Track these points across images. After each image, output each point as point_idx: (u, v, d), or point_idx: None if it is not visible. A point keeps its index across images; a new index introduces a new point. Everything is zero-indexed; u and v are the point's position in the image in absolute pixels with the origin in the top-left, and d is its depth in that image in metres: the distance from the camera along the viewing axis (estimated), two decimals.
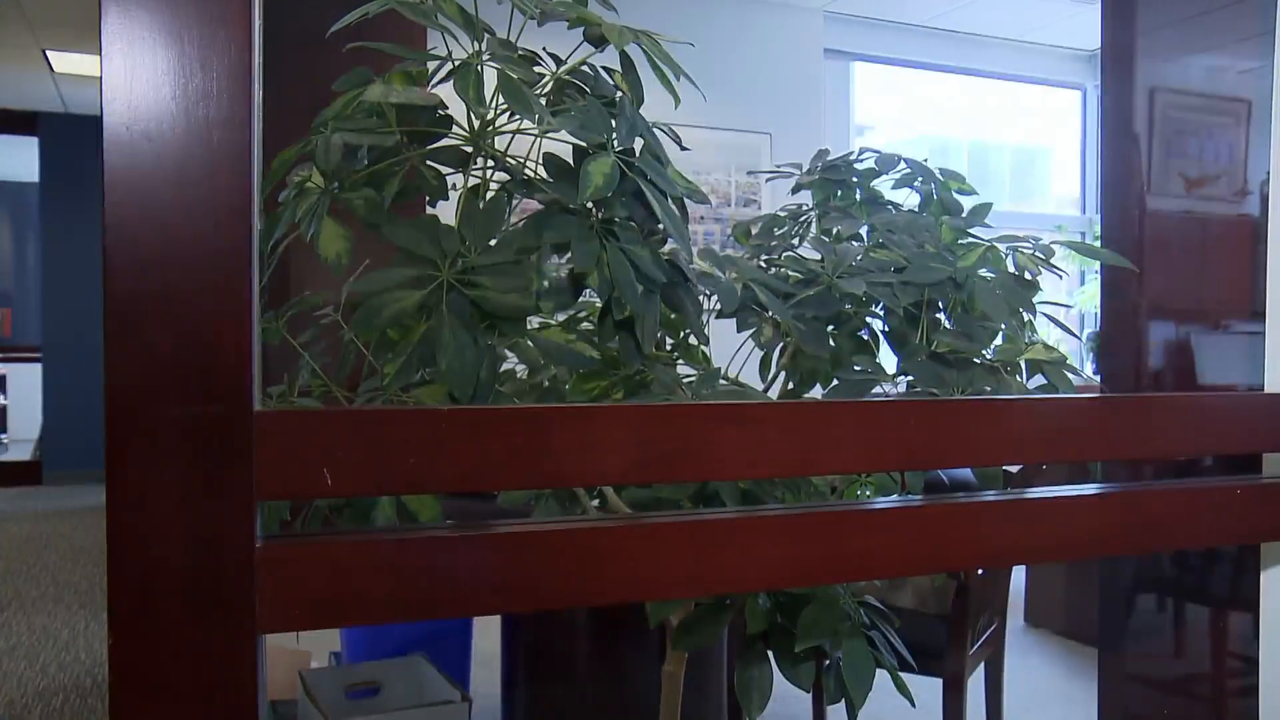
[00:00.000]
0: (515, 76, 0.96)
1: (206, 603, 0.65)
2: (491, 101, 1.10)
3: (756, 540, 0.84)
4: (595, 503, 1.63)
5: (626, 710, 2.82)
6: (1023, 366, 1.46)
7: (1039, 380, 1.46)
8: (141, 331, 0.63)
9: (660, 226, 1.16)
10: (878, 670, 1.31)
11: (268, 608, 0.67)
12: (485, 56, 1.00)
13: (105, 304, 0.62)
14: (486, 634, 3.61)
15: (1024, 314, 1.48)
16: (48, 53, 6.63)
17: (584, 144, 1.09)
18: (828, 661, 1.32)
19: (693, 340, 1.74)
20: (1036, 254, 1.39)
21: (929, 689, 2.23)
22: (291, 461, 0.67)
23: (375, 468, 0.69)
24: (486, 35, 1.04)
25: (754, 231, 1.85)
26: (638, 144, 1.11)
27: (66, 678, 3.74)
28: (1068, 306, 6.48)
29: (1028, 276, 1.38)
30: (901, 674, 1.35)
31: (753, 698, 1.16)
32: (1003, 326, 1.50)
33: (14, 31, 6.23)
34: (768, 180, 1.84)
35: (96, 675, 3.75)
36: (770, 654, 1.32)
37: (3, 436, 9.94)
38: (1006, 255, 1.41)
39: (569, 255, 1.18)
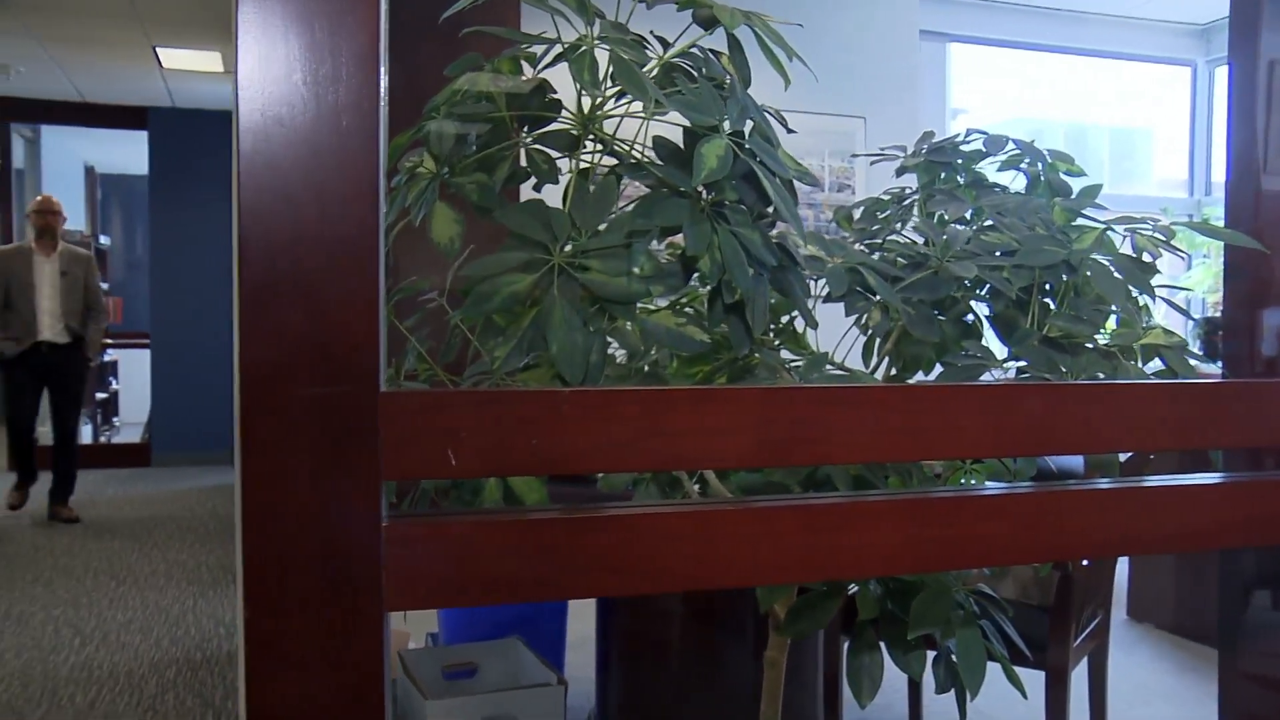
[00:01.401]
0: (628, 59, 0.96)
1: (336, 580, 0.66)
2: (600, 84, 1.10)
3: (872, 525, 0.82)
4: (696, 487, 1.63)
5: (721, 696, 2.82)
6: (1138, 352, 1.42)
7: (1155, 365, 1.42)
8: (273, 313, 0.64)
9: (770, 209, 1.15)
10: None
11: (393, 585, 0.68)
12: (597, 39, 1.00)
13: (239, 287, 0.64)
14: (579, 617, 3.64)
15: (1139, 298, 1.43)
16: (157, 49, 6.83)
17: (695, 126, 1.08)
18: (934, 651, 1.30)
19: (790, 325, 1.72)
20: (1155, 235, 1.35)
21: (1029, 681, 2.19)
22: (416, 442, 0.68)
23: (498, 448, 0.70)
24: (598, 18, 1.04)
25: (855, 216, 1.82)
26: (746, 126, 1.10)
27: (178, 651, 3.87)
28: (1188, 290, 6.28)
29: (1146, 259, 1.33)
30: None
31: (863, 685, 1.15)
32: (1116, 310, 1.46)
33: (126, 30, 6.43)
34: (873, 164, 1.81)
35: (205, 649, 3.88)
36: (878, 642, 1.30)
37: (114, 420, 10.30)
38: (1124, 237, 1.37)
39: (667, 239, 1.18)
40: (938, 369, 1.64)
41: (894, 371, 1.64)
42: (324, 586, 0.66)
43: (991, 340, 1.57)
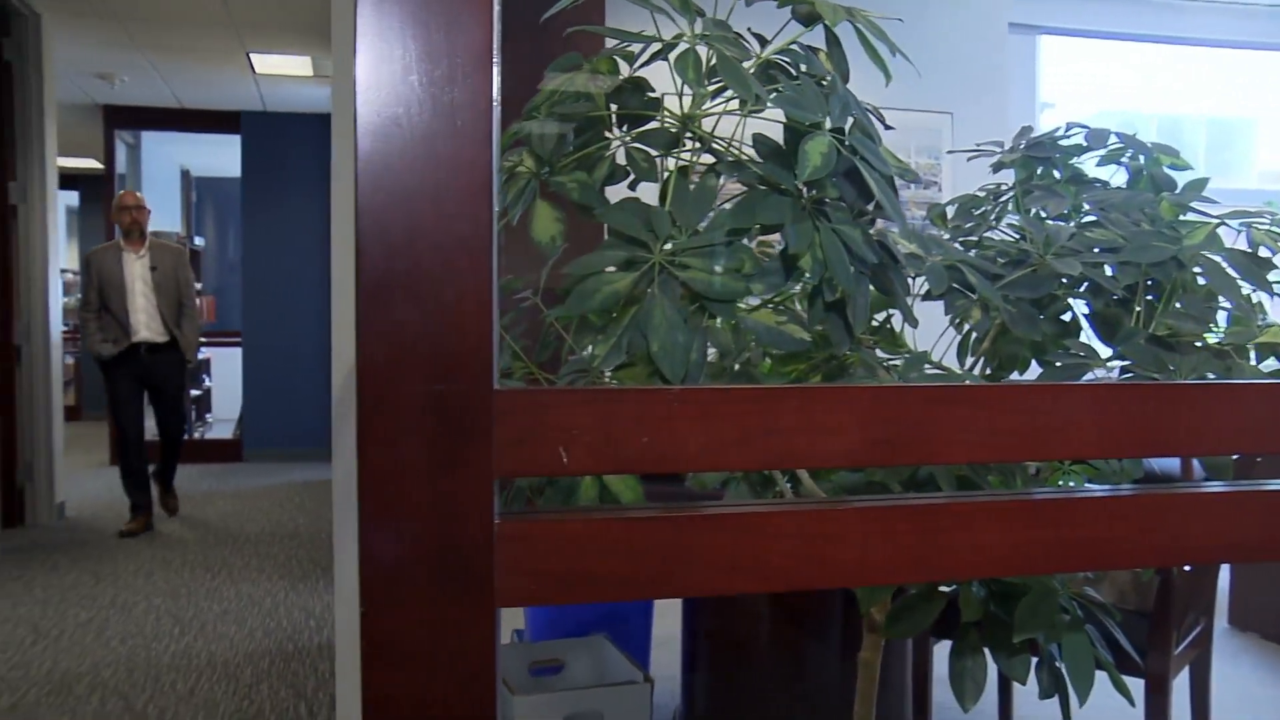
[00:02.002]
0: (731, 56, 0.95)
1: (450, 575, 0.66)
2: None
3: (984, 525, 0.81)
4: (789, 486, 1.61)
5: (807, 697, 2.80)
6: (1252, 350, 1.37)
7: (1271, 364, 1.37)
8: (390, 311, 0.65)
9: (869, 206, 1.14)
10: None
11: (505, 582, 0.68)
12: (699, 36, 0.99)
13: (357, 286, 0.64)
14: (664, 616, 3.65)
15: (1254, 295, 1.39)
16: (250, 55, 7.00)
17: (797, 124, 1.07)
18: (1036, 657, 1.27)
19: (885, 324, 1.70)
20: (1272, 229, 1.30)
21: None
22: (528, 439, 0.68)
23: (609, 446, 0.70)
24: (698, 16, 1.04)
25: (950, 213, 1.79)
26: (846, 123, 1.09)
27: (271, 642, 3.96)
28: None
29: (1263, 253, 1.29)
30: (1100, 672, 1.29)
31: (967, 688, 1.13)
32: (1227, 308, 1.41)
33: (222, 38, 6.60)
34: (970, 159, 1.78)
35: (297, 641, 3.96)
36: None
37: (207, 416, 10.58)
38: (1239, 232, 1.32)
39: (757, 238, 1.17)
40: (1032, 368, 1.61)
41: (989, 371, 1.61)
42: (438, 583, 0.66)
43: (1088, 339, 1.53)
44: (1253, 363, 1.32)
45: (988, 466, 1.15)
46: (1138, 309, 1.44)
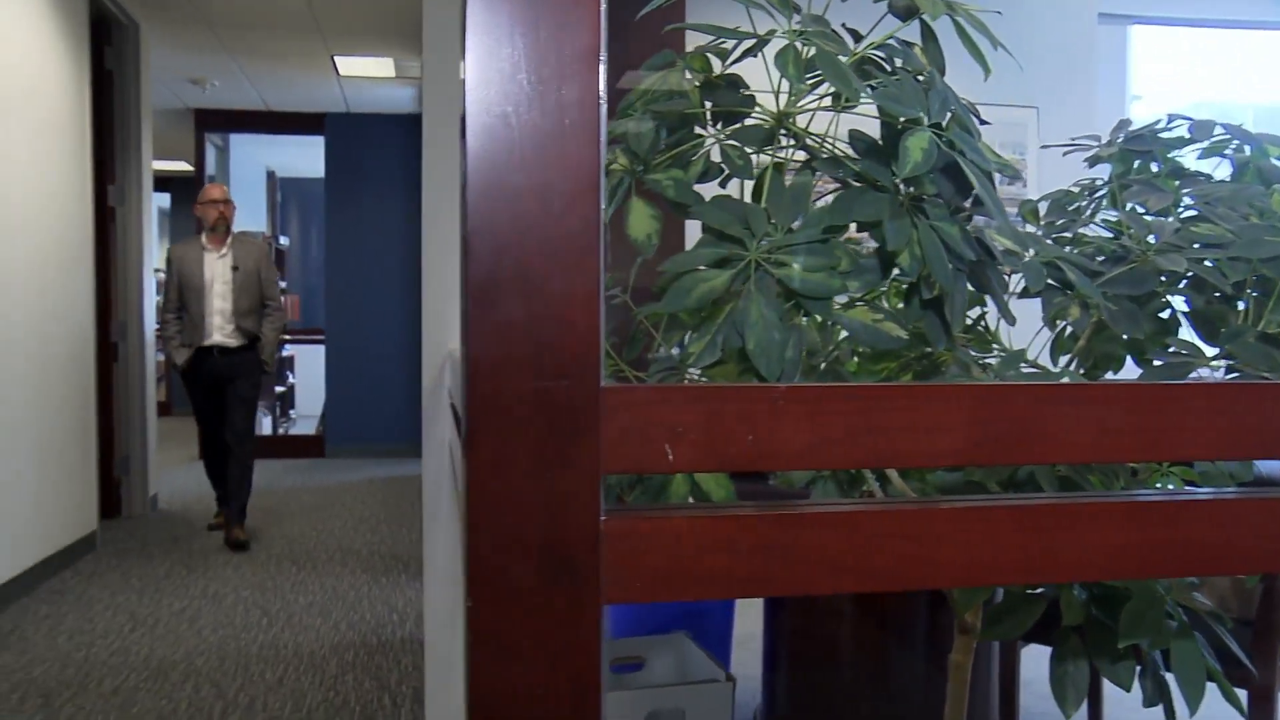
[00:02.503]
0: (831, 51, 0.95)
1: (556, 572, 0.67)
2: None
3: (1092, 527, 0.79)
4: (876, 485, 1.60)
5: (891, 698, 2.77)
6: None
7: None
8: (498, 309, 0.65)
9: (967, 203, 1.12)
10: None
11: (612, 579, 0.68)
12: (798, 32, 0.99)
13: (466, 283, 0.65)
14: (744, 614, 3.64)
15: None
16: (335, 58, 7.13)
17: (891, 119, 1.06)
18: (1140, 665, 1.24)
19: (978, 322, 1.67)
20: None
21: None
22: (635, 437, 0.69)
23: (714, 444, 0.70)
24: (795, 11, 1.03)
25: (1042, 210, 1.76)
26: (944, 117, 1.07)
27: (355, 635, 4.03)
28: None
29: None
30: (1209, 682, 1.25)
31: (1068, 694, 1.10)
32: None
33: (308, 41, 6.73)
34: (1066, 154, 1.74)
35: (381, 634, 4.02)
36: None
37: (291, 412, 10.80)
38: None
39: (845, 235, 1.16)
40: (1127, 368, 1.57)
41: (1083, 370, 1.57)
42: (544, 579, 0.67)
43: (1186, 337, 1.49)
44: None
45: (1089, 466, 1.13)
46: (1244, 306, 1.40)
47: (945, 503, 0.77)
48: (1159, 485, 1.45)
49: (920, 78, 1.05)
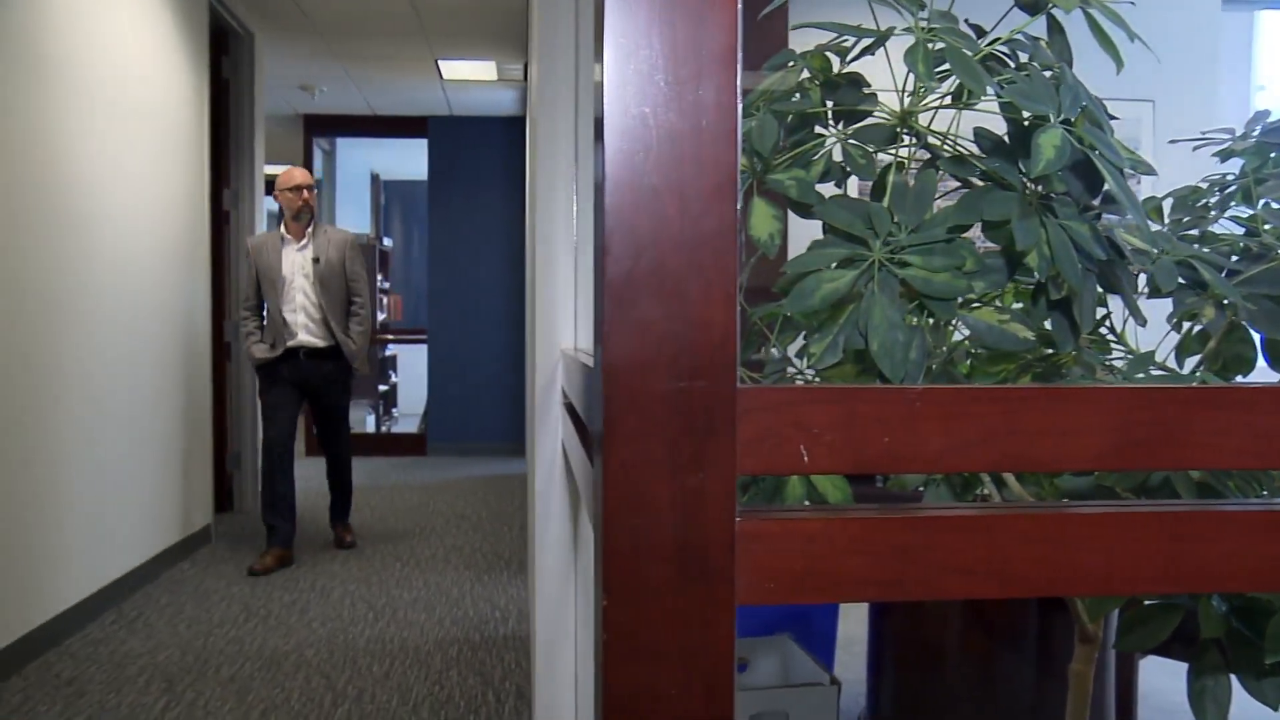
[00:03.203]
0: (960, 48, 0.93)
1: (691, 572, 0.67)
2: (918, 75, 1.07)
3: (1240, 535, 0.76)
4: (988, 490, 1.56)
5: (1000, 707, 2.71)
6: None
7: None
8: (636, 309, 0.65)
9: (1096, 200, 1.09)
10: None
11: (745, 580, 0.68)
12: (927, 28, 0.97)
13: (602, 284, 0.66)
14: (846, 618, 3.60)
15: None
16: (439, 62, 7.26)
17: (1015, 116, 1.04)
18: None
19: (1100, 323, 1.63)
20: None
21: None
22: (769, 438, 0.68)
23: (850, 446, 0.69)
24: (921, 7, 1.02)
25: (1167, 207, 1.70)
26: (1074, 113, 1.04)
27: (459, 631, 4.09)
28: None
29: None
30: None
31: (1208, 709, 1.07)
32: None
33: (413, 46, 6.87)
34: (1196, 149, 1.68)
35: (484, 631, 4.08)
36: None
37: (393, 411, 11.02)
38: None
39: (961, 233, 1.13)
40: (1259, 370, 1.51)
41: (1212, 372, 1.52)
42: (679, 579, 0.67)
43: None
44: None
45: (1229, 472, 1.09)
46: None
47: (1084, 508, 0.75)
48: None
49: (1049, 72, 1.02)
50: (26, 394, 3.71)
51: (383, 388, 10.42)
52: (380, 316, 10.30)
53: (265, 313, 5.09)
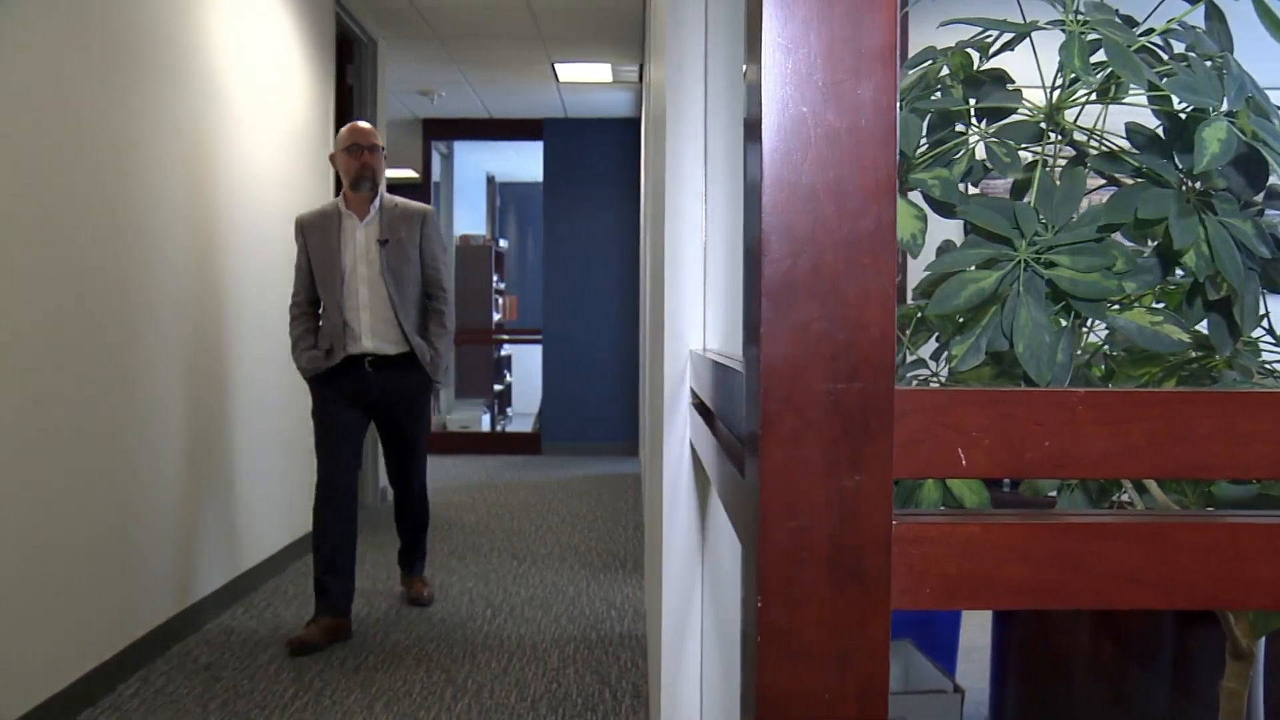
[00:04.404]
0: (1119, 40, 0.90)
1: (847, 575, 0.66)
2: (1065, 70, 1.05)
3: None
4: (1124, 496, 1.51)
5: None
6: None
7: None
8: (794, 310, 0.65)
9: (1257, 196, 1.05)
10: None
11: (901, 584, 0.68)
12: (1080, 20, 0.95)
13: (761, 284, 0.65)
14: (968, 625, 3.52)
15: None
16: (555, 65, 7.34)
17: (1171, 110, 1.00)
18: None
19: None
20: None
21: None
22: (927, 440, 0.67)
23: (1008, 449, 0.68)
24: None
25: None
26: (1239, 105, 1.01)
27: (576, 629, 4.13)
28: None
29: None
30: None
31: None
32: None
33: (530, 50, 6.96)
34: None
35: (600, 630, 4.11)
36: None
37: (508, 410, 11.18)
38: None
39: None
40: None
41: None
42: (834, 581, 0.66)
43: None
44: None
45: None
46: None
47: (1257, 517, 0.72)
48: None
49: (1211, 62, 0.99)
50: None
51: (497, 387, 10.59)
52: (495, 317, 10.46)
53: (322, 311, 3.94)
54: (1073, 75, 1.06)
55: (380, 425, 4.10)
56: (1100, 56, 0.95)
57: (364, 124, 4.03)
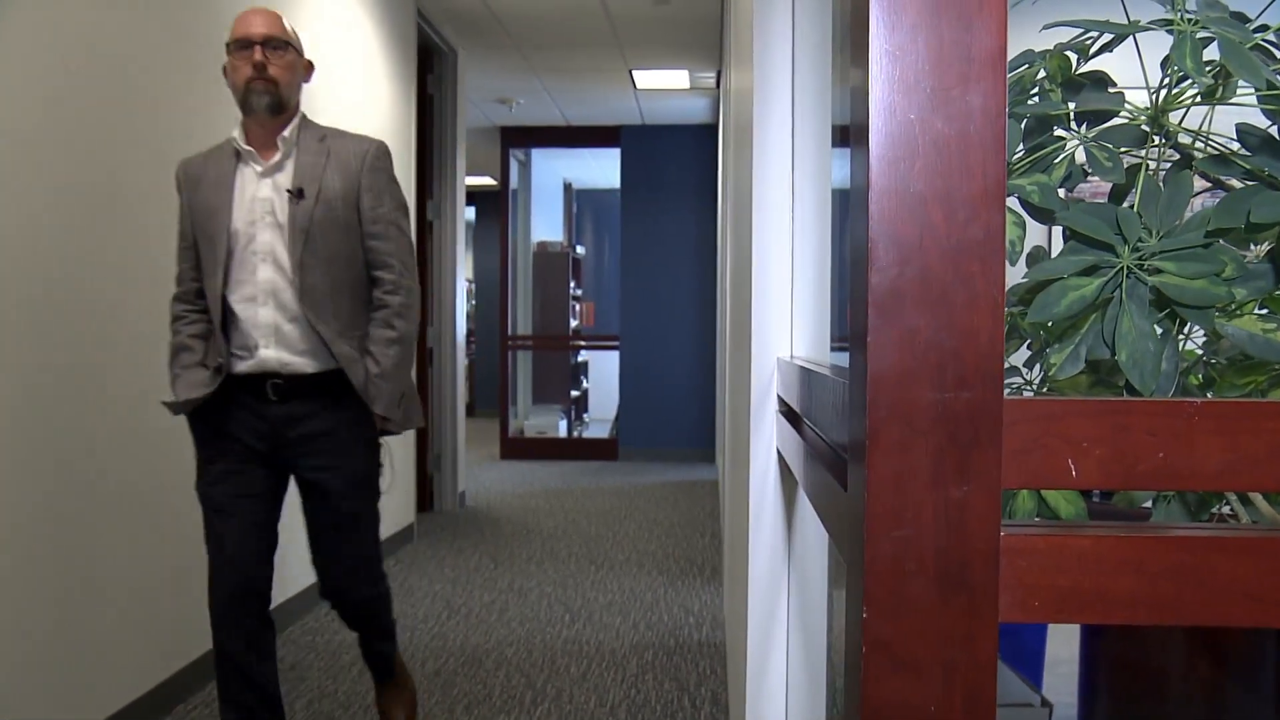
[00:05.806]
0: (1236, 39, 0.88)
1: (953, 586, 0.65)
2: (1170, 71, 1.03)
3: None
4: (1225, 508, 1.47)
5: None
6: None
7: None
8: (902, 319, 0.65)
9: None
10: None
11: (1009, 597, 0.66)
12: (1192, 19, 0.93)
13: (867, 292, 0.65)
14: (1055, 638, 3.45)
15: None
16: (633, 72, 7.37)
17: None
18: None
19: None
20: None
21: None
22: (1036, 450, 0.66)
23: (1121, 460, 0.66)
24: None
25: None
26: None
27: (654, 635, 4.13)
28: None
29: None
30: None
31: None
32: None
33: (608, 58, 6.99)
34: None
35: (678, 636, 4.10)
36: None
37: (585, 416, 11.23)
38: None
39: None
40: None
41: None
42: (942, 592, 0.66)
43: None
44: None
45: None
46: None
47: None
48: None
49: None
50: None
51: (574, 393, 10.64)
52: (573, 323, 10.51)
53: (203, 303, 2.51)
54: (1180, 75, 1.04)
55: (301, 481, 2.53)
56: (1210, 55, 0.93)
57: (262, 9, 2.48)
